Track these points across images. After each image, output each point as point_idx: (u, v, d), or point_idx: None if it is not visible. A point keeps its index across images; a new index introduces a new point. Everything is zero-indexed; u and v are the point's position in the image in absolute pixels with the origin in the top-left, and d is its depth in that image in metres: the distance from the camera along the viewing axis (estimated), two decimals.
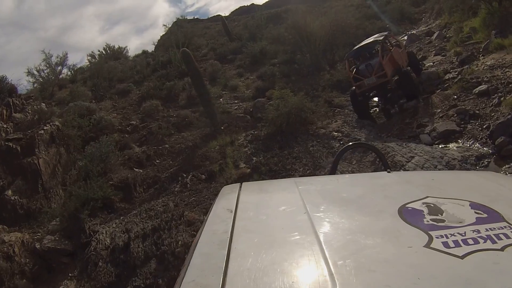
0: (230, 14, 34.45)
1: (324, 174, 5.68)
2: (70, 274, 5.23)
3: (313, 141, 7.35)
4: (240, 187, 1.29)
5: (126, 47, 25.89)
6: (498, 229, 0.78)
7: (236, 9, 37.85)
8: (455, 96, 7.50)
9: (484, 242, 0.74)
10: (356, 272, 0.70)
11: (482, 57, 8.79)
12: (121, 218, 6.04)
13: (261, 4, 29.16)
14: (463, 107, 6.99)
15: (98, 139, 8.15)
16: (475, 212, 0.87)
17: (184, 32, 19.59)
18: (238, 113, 10.14)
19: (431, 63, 10.46)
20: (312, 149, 6.99)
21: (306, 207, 1.00)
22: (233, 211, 1.04)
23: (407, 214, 0.89)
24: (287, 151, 7.05)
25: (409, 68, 9.38)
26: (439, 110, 7.41)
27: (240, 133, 8.60)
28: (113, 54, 21.20)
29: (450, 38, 12.25)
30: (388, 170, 1.44)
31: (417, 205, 0.94)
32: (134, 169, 7.89)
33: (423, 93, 8.38)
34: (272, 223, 0.99)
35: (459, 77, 8.02)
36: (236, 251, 0.81)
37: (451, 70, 8.93)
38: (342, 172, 5.77)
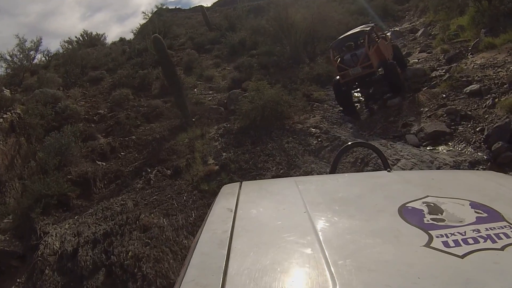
0: (212, 5, 35.00)
1: (306, 175, 5.64)
2: (18, 280, 4.74)
3: (288, 137, 6.98)
4: (240, 186, 1.33)
5: (103, 34, 25.99)
6: (498, 228, 0.81)
7: (219, 0, 37.89)
8: (444, 95, 7.32)
9: (484, 242, 0.76)
10: (356, 272, 0.72)
11: (471, 55, 8.75)
12: (76, 217, 5.61)
13: None
14: (454, 107, 6.71)
15: (62, 128, 7.89)
16: (475, 212, 0.89)
17: (163, 21, 19.56)
18: (211, 104, 9.98)
19: (416, 60, 10.58)
20: (287, 146, 6.66)
21: (306, 207, 1.03)
22: (233, 211, 1.07)
23: (407, 214, 0.92)
24: (259, 148, 6.71)
25: (394, 61, 9.57)
26: (427, 109, 7.20)
27: (212, 125, 8.30)
28: (90, 41, 21.22)
29: (436, 36, 12.44)
30: (388, 169, 1.48)
31: (417, 205, 0.96)
32: (97, 162, 7.52)
33: (409, 90, 8.33)
34: (272, 222, 1.01)
35: (448, 75, 7.91)
36: (236, 250, 0.83)
37: (438, 68, 8.92)
38: (319, 173, 5.78)
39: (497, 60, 7.65)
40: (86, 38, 21.37)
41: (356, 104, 9.12)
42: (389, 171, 1.42)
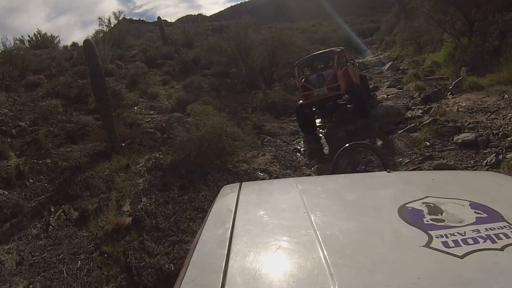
0: (176, 21, 36.29)
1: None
2: None
3: (228, 182, 5.84)
4: (240, 186, 1.42)
5: (58, 36, 24.92)
6: (498, 229, 0.89)
7: (183, 16, 39.67)
8: (428, 143, 6.55)
9: (484, 242, 0.84)
10: (356, 272, 0.78)
11: (451, 95, 8.62)
12: None
13: (208, 15, 31.26)
14: (444, 161, 5.80)
15: None
16: (475, 212, 0.98)
17: (119, 29, 19.51)
18: (148, 127, 9.46)
19: (385, 96, 10.62)
20: None
21: (306, 207, 1.12)
22: (233, 211, 1.15)
23: (407, 214, 1.00)
24: (188, 196, 5.67)
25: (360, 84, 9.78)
26: (408, 160, 6.26)
27: (143, 154, 7.69)
28: (43, 42, 20.57)
29: (406, 70, 13.16)
30: (388, 170, 1.59)
31: (417, 205, 1.05)
32: None
33: (380, 132, 7.98)
34: (272, 222, 1.08)
35: (430, 118, 7.35)
36: (236, 250, 0.90)
37: (413, 107, 8.69)
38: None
39: (488, 104, 7.27)
40: (39, 38, 20.74)
41: (320, 136, 9.15)
42: (389, 172, 1.53)
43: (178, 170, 6.50)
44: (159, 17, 23.23)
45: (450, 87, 8.98)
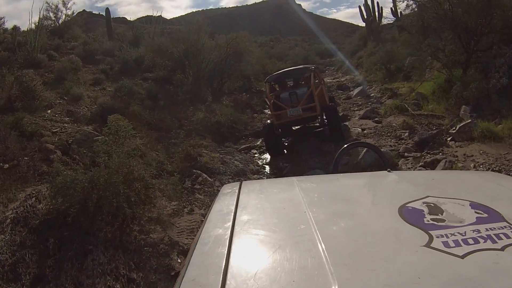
0: (135, 20, 36.32)
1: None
2: None
3: (120, 267, 3.84)
4: (240, 186, 1.48)
5: (3, 18, 22.80)
6: (498, 229, 0.93)
7: (143, 16, 39.69)
8: None
9: (484, 242, 0.88)
10: (356, 272, 0.82)
11: (452, 142, 7.28)
12: None
13: (168, 18, 30.96)
14: None
15: None
16: (476, 212, 1.03)
17: (64, 19, 18.82)
18: (51, 142, 6.78)
19: (359, 129, 9.34)
20: None
21: (306, 206, 1.17)
22: (233, 210, 1.21)
23: (407, 214, 1.05)
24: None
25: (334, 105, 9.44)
26: None
27: (29, 184, 5.35)
28: None
29: (380, 99, 12.14)
30: (389, 169, 1.64)
31: (417, 205, 1.10)
32: None
33: None
34: (272, 222, 1.14)
35: None
36: (236, 250, 0.95)
37: (406, 154, 7.15)
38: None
39: None
40: None
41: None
42: (389, 171, 1.59)
43: (57, 227, 4.12)
44: (107, 8, 21.74)
45: (452, 131, 7.47)
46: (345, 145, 2.18)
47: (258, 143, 9.57)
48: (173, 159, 7.12)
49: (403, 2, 12.05)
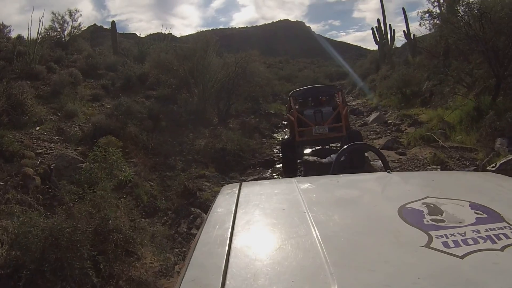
0: (145, 37, 37.27)
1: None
2: None
3: None
4: (240, 186, 1.53)
5: (9, 26, 23.43)
6: (498, 229, 0.96)
7: (153, 33, 40.67)
8: None
9: (484, 242, 0.90)
10: (356, 272, 0.84)
11: None
12: None
13: (178, 36, 31.16)
14: None
15: None
16: (475, 213, 1.06)
17: (69, 31, 19.00)
18: (32, 165, 6.05)
19: (380, 162, 8.19)
20: None
21: (306, 207, 1.20)
22: (233, 211, 1.25)
23: (407, 214, 1.08)
24: None
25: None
26: None
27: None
28: None
29: (400, 127, 11.33)
30: (388, 170, 1.69)
31: (417, 205, 1.13)
32: None
33: None
34: (272, 222, 1.17)
35: None
36: (236, 250, 0.98)
37: None
38: None
39: None
40: None
41: None
42: (389, 172, 1.63)
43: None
44: (113, 21, 21.91)
45: (491, 168, 6.57)
46: (345, 146, 2.27)
47: (267, 174, 8.92)
48: (169, 193, 6.50)
49: (425, 22, 11.69)
